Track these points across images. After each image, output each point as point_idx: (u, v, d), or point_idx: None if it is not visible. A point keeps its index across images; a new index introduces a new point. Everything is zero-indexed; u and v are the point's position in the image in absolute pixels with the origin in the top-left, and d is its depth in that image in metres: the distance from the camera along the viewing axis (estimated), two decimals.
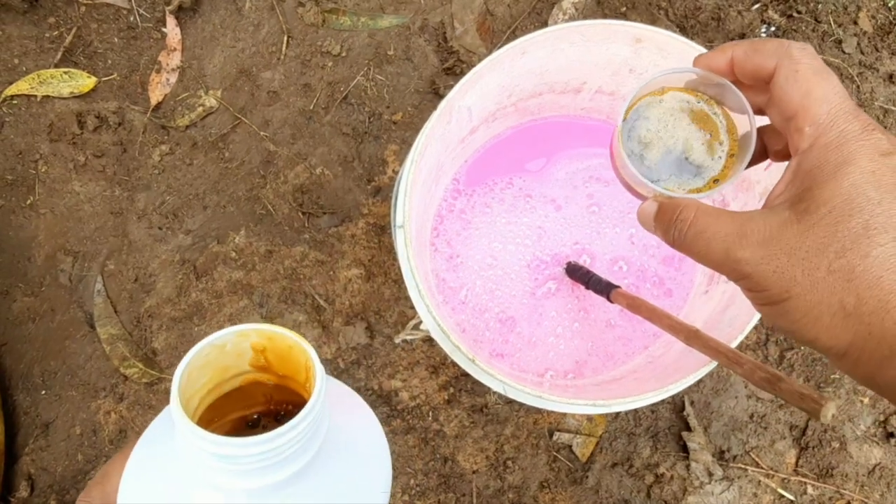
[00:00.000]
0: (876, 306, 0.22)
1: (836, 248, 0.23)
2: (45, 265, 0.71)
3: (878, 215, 0.23)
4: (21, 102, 0.72)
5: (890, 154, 0.24)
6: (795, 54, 0.26)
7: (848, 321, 0.23)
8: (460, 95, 0.47)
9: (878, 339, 0.22)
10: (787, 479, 0.68)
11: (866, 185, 0.23)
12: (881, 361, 0.23)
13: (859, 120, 0.25)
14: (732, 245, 0.25)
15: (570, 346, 0.57)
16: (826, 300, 0.23)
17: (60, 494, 0.66)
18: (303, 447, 0.24)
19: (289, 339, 0.26)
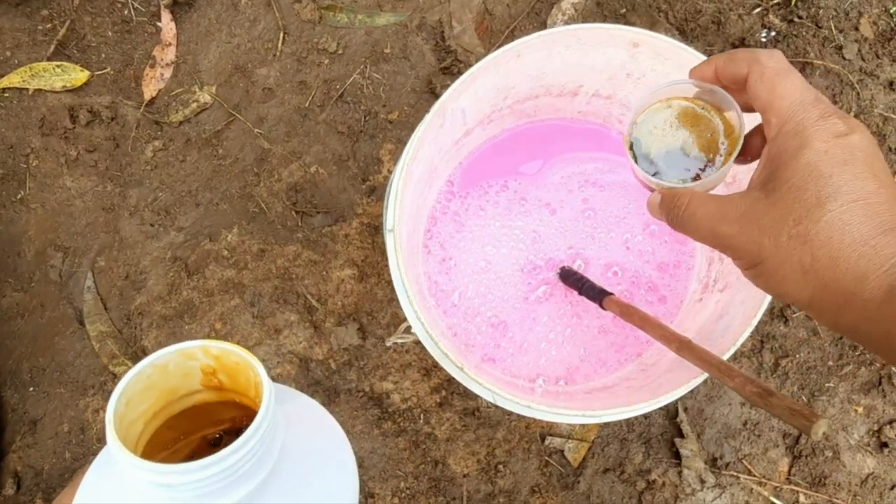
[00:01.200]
0: (828, 263, 0.27)
1: (794, 217, 0.27)
2: (35, 260, 0.70)
3: (828, 187, 0.27)
4: (13, 95, 0.72)
5: (844, 135, 0.28)
6: (763, 59, 0.31)
7: (807, 277, 0.27)
8: (454, 98, 0.46)
9: (832, 290, 0.27)
10: (780, 487, 0.67)
11: (819, 163, 0.27)
12: (838, 309, 0.27)
13: (817, 108, 0.29)
14: (716, 223, 0.30)
15: (562, 352, 0.56)
16: (789, 261, 0.28)
17: (47, 493, 0.65)
18: (253, 467, 0.23)
19: (235, 356, 0.25)
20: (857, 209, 0.27)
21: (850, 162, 0.27)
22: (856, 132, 0.28)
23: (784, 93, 0.29)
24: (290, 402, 0.29)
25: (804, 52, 0.73)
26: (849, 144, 0.28)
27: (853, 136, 0.28)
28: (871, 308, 0.26)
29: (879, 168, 0.28)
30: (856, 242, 0.26)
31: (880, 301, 0.25)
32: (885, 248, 0.26)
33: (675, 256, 0.59)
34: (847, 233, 0.26)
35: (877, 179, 0.27)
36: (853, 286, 0.26)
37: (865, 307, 0.26)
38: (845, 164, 0.27)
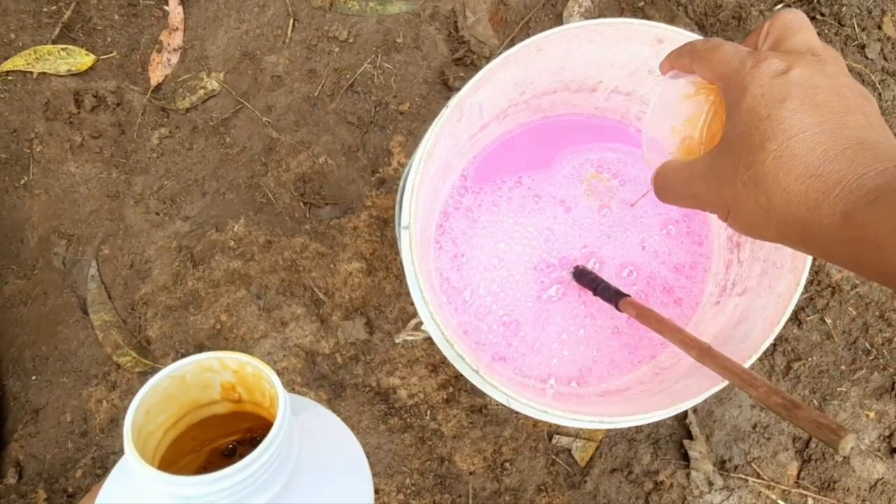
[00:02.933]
0: (781, 200, 0.27)
1: (745, 163, 0.28)
2: (39, 247, 0.69)
3: (767, 127, 0.27)
4: (17, 79, 0.70)
5: (782, 73, 0.28)
6: (697, 44, 0.32)
7: (769, 216, 0.28)
8: (472, 92, 0.45)
9: (792, 224, 0.27)
10: (788, 490, 0.67)
11: (757, 107, 0.28)
12: (804, 240, 0.27)
13: (752, 57, 0.29)
14: (688, 184, 0.32)
15: (575, 353, 0.55)
16: (750, 206, 0.28)
17: (49, 482, 0.65)
18: (269, 478, 0.23)
19: (251, 367, 0.25)
20: (797, 143, 0.27)
21: (787, 98, 0.27)
22: (796, 67, 0.28)
23: (720, 58, 0.30)
24: (305, 412, 0.29)
25: None
26: (786, 81, 0.28)
27: (792, 72, 0.28)
28: (832, 234, 0.26)
29: (824, 97, 0.27)
30: (802, 175, 0.26)
31: (837, 226, 0.26)
32: (830, 175, 0.26)
33: (691, 258, 0.57)
34: (792, 168, 0.27)
35: (818, 110, 0.27)
36: (809, 216, 0.26)
37: (826, 234, 0.26)
38: (783, 101, 0.27)
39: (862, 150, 0.26)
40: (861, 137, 0.27)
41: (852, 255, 0.26)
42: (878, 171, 0.25)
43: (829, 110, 0.27)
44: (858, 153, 0.26)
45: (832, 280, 0.69)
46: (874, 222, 0.24)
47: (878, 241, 0.24)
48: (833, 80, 0.28)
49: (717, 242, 0.58)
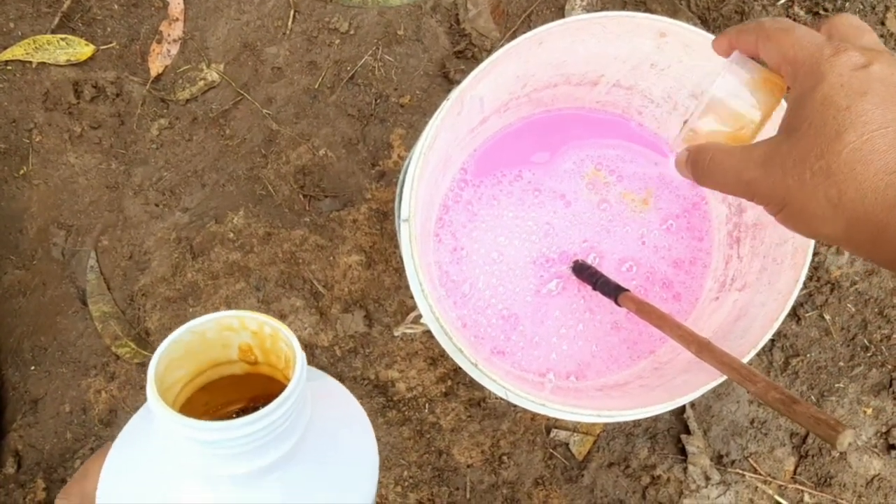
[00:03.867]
0: (855, 195, 0.26)
1: (815, 153, 0.27)
2: (38, 238, 0.69)
3: (846, 119, 0.26)
4: (15, 68, 0.70)
5: (862, 67, 0.27)
6: (766, 23, 0.31)
7: (836, 212, 0.26)
8: (472, 85, 0.45)
9: (864, 222, 0.26)
10: (785, 486, 0.67)
11: (836, 96, 0.27)
12: (873, 240, 0.26)
13: (831, 45, 0.28)
14: (741, 170, 0.30)
15: (574, 347, 0.55)
16: (816, 198, 0.27)
17: (48, 472, 0.65)
18: (286, 431, 0.23)
19: (269, 327, 0.25)
20: (879, 137, 0.26)
21: (868, 92, 0.26)
22: (876, 62, 0.27)
23: (792, 41, 0.29)
24: (316, 380, 0.30)
25: None
26: (868, 75, 0.27)
27: (873, 67, 0.27)
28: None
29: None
30: (881, 171, 0.25)
31: None
32: None
33: (691, 253, 0.57)
34: (871, 162, 0.25)
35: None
36: (885, 216, 0.25)
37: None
38: (863, 94, 0.26)
39: None
40: None
41: None
42: None
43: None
44: None
45: (831, 276, 0.69)
46: None
47: None
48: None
49: (717, 238, 0.58)
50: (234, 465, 0.22)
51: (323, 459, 0.25)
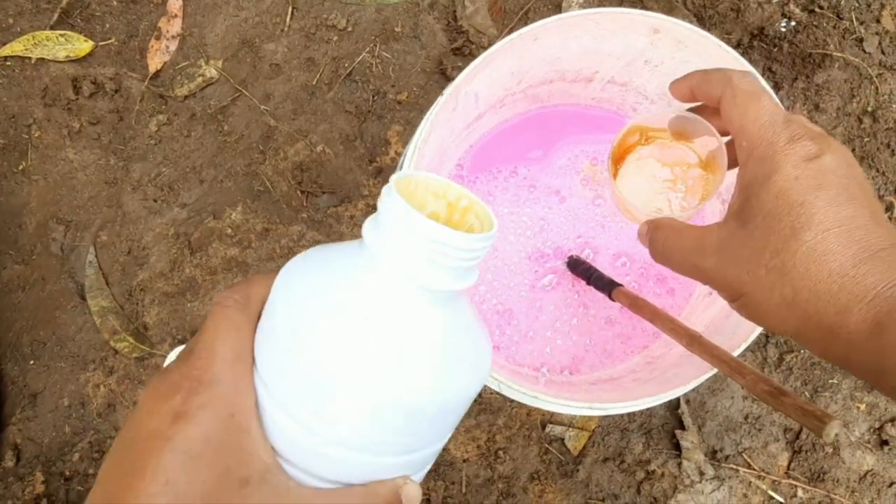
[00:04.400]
0: (809, 296, 0.26)
1: (770, 249, 0.27)
2: (37, 233, 0.69)
3: (801, 215, 0.26)
4: (15, 64, 0.70)
5: (815, 157, 0.27)
6: (735, 80, 0.30)
7: (791, 310, 0.27)
8: (468, 80, 0.45)
9: (816, 322, 0.26)
10: (779, 481, 0.68)
11: (790, 190, 0.27)
12: (824, 341, 0.26)
13: (787, 130, 0.28)
14: (696, 257, 0.30)
15: (568, 342, 0.56)
16: (770, 295, 0.27)
17: (47, 465, 0.65)
18: (473, 268, 0.24)
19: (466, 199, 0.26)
20: (833, 237, 0.26)
21: (822, 187, 0.26)
22: (827, 153, 0.27)
23: (755, 116, 0.28)
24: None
25: (824, 44, 0.71)
26: (821, 168, 0.27)
27: (825, 158, 0.27)
28: (858, 341, 0.25)
29: (856, 189, 0.27)
30: (835, 273, 0.25)
31: (866, 335, 0.25)
32: (865, 276, 0.25)
33: None
34: (825, 263, 0.25)
35: (853, 202, 0.26)
36: (837, 319, 0.25)
37: (851, 340, 0.25)
38: (818, 189, 0.26)
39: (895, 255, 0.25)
40: (891, 238, 0.26)
41: (877, 368, 0.25)
42: None
43: (861, 204, 0.26)
44: (893, 257, 0.25)
45: None
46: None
47: None
48: (856, 170, 0.27)
49: None
50: (445, 280, 0.23)
51: (469, 326, 0.26)
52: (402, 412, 0.23)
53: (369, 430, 0.23)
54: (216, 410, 0.22)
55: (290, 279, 0.25)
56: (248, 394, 0.23)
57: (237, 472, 0.22)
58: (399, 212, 0.22)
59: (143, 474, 0.21)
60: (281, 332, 0.23)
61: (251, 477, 0.22)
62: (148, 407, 0.22)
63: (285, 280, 0.25)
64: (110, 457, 0.22)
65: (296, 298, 0.24)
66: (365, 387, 0.22)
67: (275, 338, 0.24)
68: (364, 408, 0.22)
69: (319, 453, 0.23)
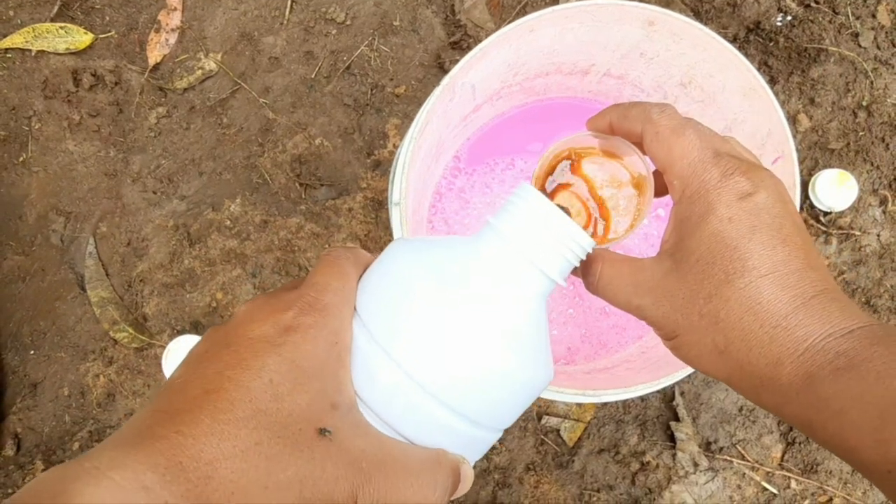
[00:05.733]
0: (741, 345, 0.25)
1: (703, 294, 0.26)
2: (37, 224, 0.70)
3: (735, 260, 0.25)
4: (15, 56, 0.71)
5: (749, 195, 0.26)
6: (654, 117, 0.29)
7: (722, 358, 0.26)
8: (464, 72, 0.46)
9: (748, 372, 0.26)
10: (772, 472, 0.68)
11: (724, 233, 0.26)
12: (756, 390, 0.26)
13: (718, 167, 0.27)
14: (630, 294, 0.29)
15: (563, 332, 0.56)
16: (702, 340, 0.26)
17: (47, 454, 0.66)
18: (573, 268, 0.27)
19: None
20: (767, 284, 0.25)
21: (756, 228, 0.26)
22: (760, 190, 0.26)
23: (682, 152, 0.28)
24: None
25: (819, 38, 0.72)
26: (754, 207, 0.26)
27: (758, 196, 0.26)
28: (790, 394, 0.25)
29: (790, 229, 0.26)
30: (767, 324, 0.25)
31: (798, 388, 0.24)
32: (797, 328, 0.25)
33: None
34: (758, 313, 0.25)
35: (786, 245, 0.26)
36: (769, 371, 0.25)
37: (784, 392, 0.25)
38: (752, 231, 0.26)
39: (828, 302, 0.25)
40: (824, 283, 0.26)
41: (808, 420, 0.24)
42: (845, 333, 0.24)
43: (794, 246, 0.26)
44: (825, 304, 0.25)
45: None
46: (838, 395, 0.23)
47: (841, 415, 0.23)
48: (789, 207, 0.27)
49: None
50: (560, 270, 0.26)
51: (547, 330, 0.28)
52: (490, 380, 0.24)
53: (456, 388, 0.24)
54: (323, 335, 0.23)
55: (404, 249, 0.27)
56: (349, 331, 0.24)
57: (330, 395, 0.22)
58: (537, 202, 0.25)
59: (248, 368, 0.21)
60: (395, 287, 0.25)
61: (341, 404, 0.23)
62: (255, 315, 0.23)
63: (399, 249, 0.27)
64: (198, 356, 0.23)
65: (414, 260, 0.25)
66: (471, 349, 0.24)
67: (387, 291, 0.25)
68: (464, 368, 0.24)
69: (406, 403, 0.24)
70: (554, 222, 0.25)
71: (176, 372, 0.23)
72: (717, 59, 0.47)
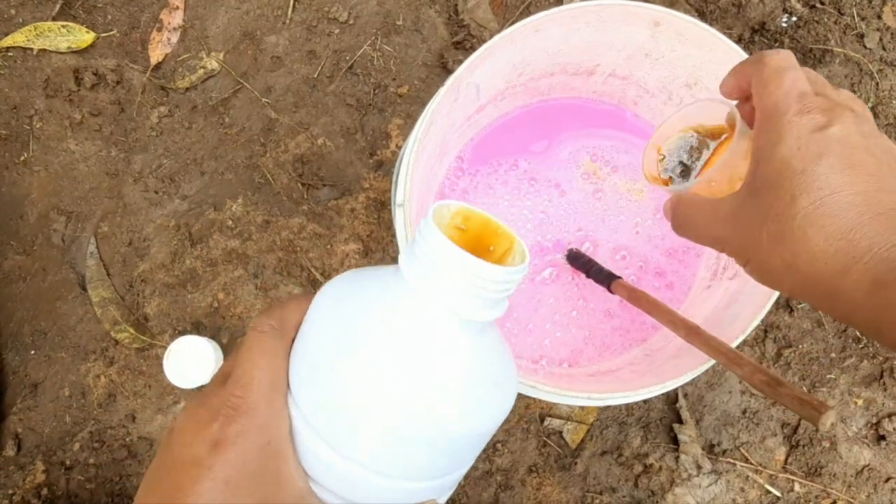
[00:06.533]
0: (807, 258, 0.27)
1: (772, 216, 0.28)
2: (38, 224, 0.69)
3: (801, 183, 0.27)
4: (17, 55, 0.70)
5: (822, 128, 0.27)
6: (766, 58, 0.30)
7: (790, 273, 0.28)
8: (469, 72, 0.45)
9: (817, 283, 0.27)
10: (775, 475, 0.68)
11: (792, 159, 0.27)
12: (828, 300, 0.27)
13: (799, 103, 0.28)
14: (710, 227, 0.31)
15: (567, 335, 0.56)
16: (772, 259, 0.28)
17: (47, 455, 0.66)
18: (506, 299, 0.25)
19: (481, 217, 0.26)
20: (830, 202, 0.26)
21: (824, 155, 0.27)
22: (836, 124, 0.27)
23: (773, 88, 0.29)
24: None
25: (825, 39, 0.71)
26: (825, 137, 0.27)
27: (832, 129, 0.27)
28: (858, 300, 0.26)
29: (862, 157, 0.27)
30: (832, 237, 0.26)
31: (865, 294, 0.25)
32: (862, 239, 0.25)
33: (684, 242, 0.58)
34: (822, 227, 0.26)
35: (853, 170, 0.27)
36: (836, 280, 0.26)
37: (852, 299, 0.26)
38: (819, 158, 0.27)
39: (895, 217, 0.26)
40: (894, 203, 0.26)
41: (877, 324, 0.25)
42: None
43: (865, 171, 0.27)
44: (892, 220, 0.25)
45: None
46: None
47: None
48: (869, 140, 0.28)
49: None
50: (480, 311, 0.24)
51: (501, 351, 0.27)
52: (434, 440, 0.23)
53: (401, 456, 0.23)
54: (253, 438, 0.22)
55: (325, 306, 0.25)
56: (284, 420, 0.24)
57: (273, 499, 0.22)
58: (437, 244, 0.23)
59: (187, 496, 0.21)
60: (316, 358, 0.24)
61: (286, 503, 0.22)
62: (186, 433, 0.23)
63: (321, 306, 0.25)
64: (148, 482, 0.23)
65: (331, 326, 0.24)
66: (397, 415, 0.23)
67: (310, 364, 0.24)
68: (396, 435, 0.23)
69: (351, 478, 0.23)
70: (456, 261, 0.23)
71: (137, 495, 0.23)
72: (723, 59, 0.46)
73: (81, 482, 0.66)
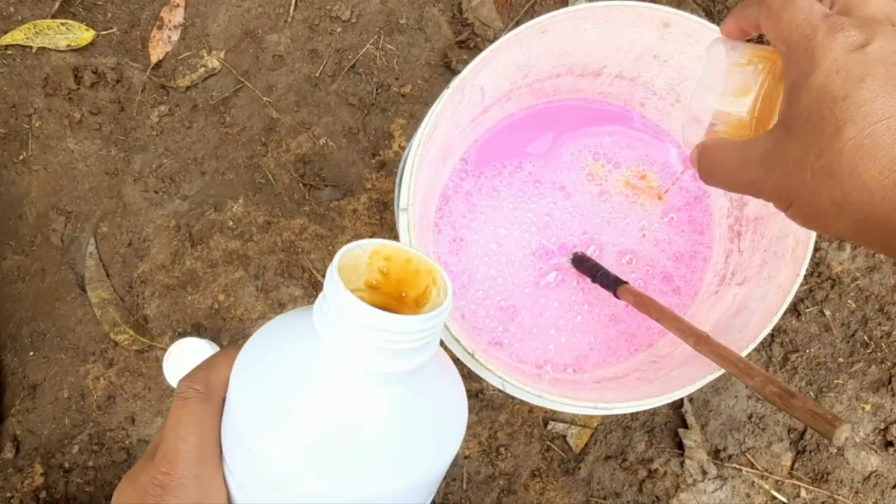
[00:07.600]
0: (861, 194, 0.24)
1: (815, 151, 0.25)
2: (37, 223, 0.69)
3: (844, 111, 0.24)
4: (16, 53, 0.70)
5: (860, 47, 0.24)
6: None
7: (842, 212, 0.25)
8: (474, 74, 0.44)
9: (873, 221, 0.24)
10: (782, 481, 0.67)
11: (831, 85, 0.24)
12: (885, 238, 0.25)
13: (826, 23, 0.25)
14: (742, 170, 0.28)
15: (572, 340, 0.55)
16: (819, 199, 0.25)
17: (46, 457, 0.65)
18: (429, 343, 0.24)
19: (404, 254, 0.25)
20: (882, 130, 0.23)
21: (867, 77, 0.24)
22: (876, 39, 0.24)
23: (789, 17, 0.26)
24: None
25: None
26: (865, 57, 0.24)
27: (871, 46, 0.24)
28: None
29: None
30: (887, 168, 0.23)
31: None
32: None
33: (691, 247, 0.57)
34: (875, 158, 0.23)
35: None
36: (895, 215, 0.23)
37: None
38: (862, 80, 0.24)
39: None
40: None
41: None
42: None
43: None
44: None
45: (832, 272, 0.69)
46: None
47: None
48: None
49: (718, 232, 0.57)
50: (394, 364, 0.22)
51: (439, 389, 0.25)
52: (371, 498, 0.23)
53: None
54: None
55: (245, 368, 0.25)
56: (216, 491, 0.23)
57: None
58: (340, 300, 0.21)
59: None
60: (238, 425, 0.23)
61: None
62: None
63: (241, 368, 0.25)
64: None
65: (248, 392, 0.24)
66: (319, 481, 0.22)
67: (232, 433, 0.24)
68: (322, 501, 0.22)
69: None
70: (362, 319, 0.21)
71: None
72: None
73: (80, 485, 0.65)
